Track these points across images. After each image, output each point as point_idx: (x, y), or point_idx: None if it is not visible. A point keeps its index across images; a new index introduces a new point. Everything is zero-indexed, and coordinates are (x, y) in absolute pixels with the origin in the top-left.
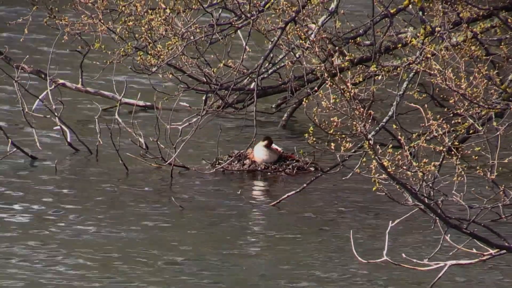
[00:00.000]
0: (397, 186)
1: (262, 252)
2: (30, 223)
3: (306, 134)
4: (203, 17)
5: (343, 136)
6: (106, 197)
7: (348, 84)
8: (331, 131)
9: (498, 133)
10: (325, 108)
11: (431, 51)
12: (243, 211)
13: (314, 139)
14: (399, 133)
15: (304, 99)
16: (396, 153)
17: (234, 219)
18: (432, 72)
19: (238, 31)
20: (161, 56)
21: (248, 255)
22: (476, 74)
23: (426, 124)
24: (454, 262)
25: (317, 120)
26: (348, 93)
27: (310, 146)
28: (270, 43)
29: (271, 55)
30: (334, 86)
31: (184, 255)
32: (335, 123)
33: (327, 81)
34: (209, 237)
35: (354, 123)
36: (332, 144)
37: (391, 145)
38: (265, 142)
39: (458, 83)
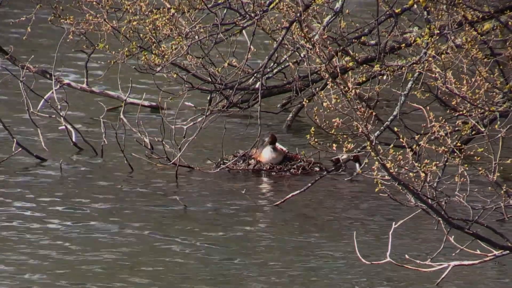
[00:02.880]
0: (400, 187)
1: (266, 251)
2: (35, 222)
3: (308, 136)
4: (207, 17)
5: (345, 136)
6: (111, 197)
7: (349, 84)
8: (333, 132)
9: (499, 135)
10: (327, 108)
11: (432, 54)
12: (247, 211)
13: (316, 140)
14: (401, 135)
15: (305, 100)
16: (398, 153)
17: (239, 219)
18: (434, 75)
19: (243, 31)
20: (166, 56)
21: (251, 254)
22: (478, 77)
23: (429, 125)
24: (457, 263)
25: (318, 121)
26: (349, 94)
27: (313, 146)
28: (275, 42)
29: (276, 54)
30: (335, 87)
31: (188, 254)
32: (336, 124)
33: (329, 82)
34: (213, 236)
35: (356, 123)
36: (334, 145)
37: (392, 145)
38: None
39: (458, 86)
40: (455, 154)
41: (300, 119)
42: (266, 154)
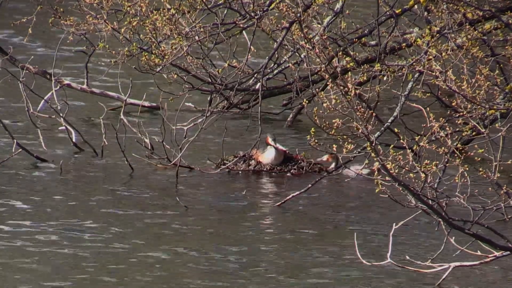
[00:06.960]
0: (400, 188)
1: (266, 252)
2: (34, 223)
3: (309, 136)
4: (208, 17)
5: (345, 137)
6: (111, 197)
7: (349, 85)
8: (333, 132)
9: (499, 134)
10: (327, 109)
11: (433, 53)
12: (248, 212)
13: (316, 140)
14: (402, 135)
15: (304, 100)
16: (397, 154)
17: (239, 220)
18: (434, 74)
19: (243, 31)
20: (166, 56)
21: (252, 255)
22: (478, 76)
23: (428, 126)
24: (457, 263)
25: (318, 122)
26: (349, 95)
27: (313, 147)
28: (275, 43)
29: (276, 55)
30: (335, 87)
31: (188, 254)
32: (336, 125)
33: (329, 83)
34: (214, 237)
35: (356, 124)
36: (335, 145)
37: (392, 146)
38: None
39: (459, 84)
40: (456, 154)
41: (300, 119)
42: (268, 155)
